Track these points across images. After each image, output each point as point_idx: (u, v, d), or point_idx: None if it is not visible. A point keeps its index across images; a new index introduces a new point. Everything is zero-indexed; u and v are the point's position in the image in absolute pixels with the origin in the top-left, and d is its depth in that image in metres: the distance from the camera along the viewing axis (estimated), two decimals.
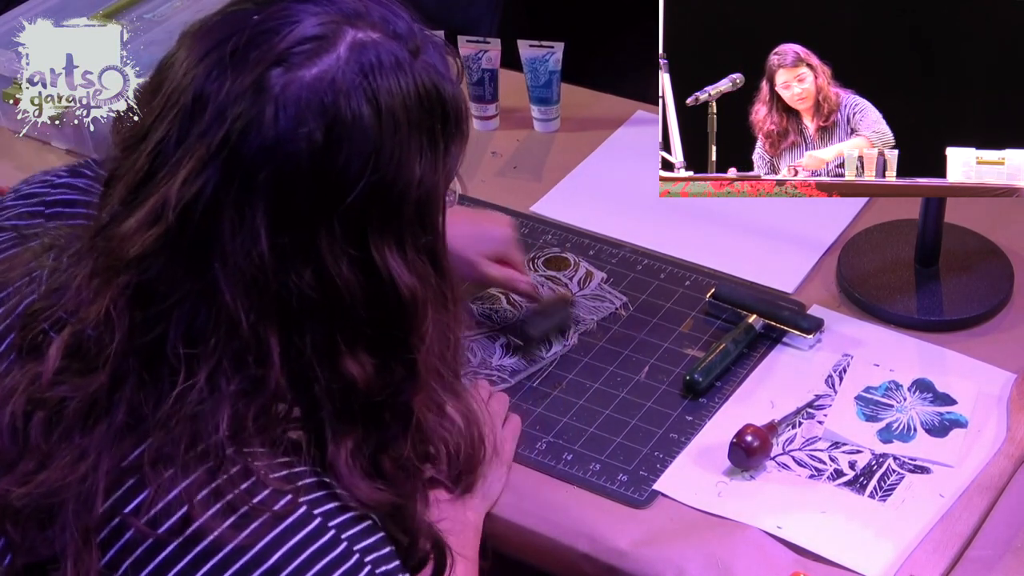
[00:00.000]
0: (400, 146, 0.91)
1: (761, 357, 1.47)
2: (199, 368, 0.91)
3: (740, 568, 1.24)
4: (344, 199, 0.90)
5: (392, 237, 0.92)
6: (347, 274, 0.91)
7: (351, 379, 0.93)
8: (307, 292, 0.90)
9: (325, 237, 0.90)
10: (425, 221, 0.95)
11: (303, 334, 0.92)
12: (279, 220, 0.89)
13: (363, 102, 0.90)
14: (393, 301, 0.93)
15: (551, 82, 1.80)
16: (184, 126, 0.89)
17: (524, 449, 1.38)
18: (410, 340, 0.95)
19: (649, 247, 1.63)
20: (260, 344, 0.91)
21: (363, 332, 0.93)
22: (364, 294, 0.92)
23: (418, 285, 0.94)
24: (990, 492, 1.29)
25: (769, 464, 1.34)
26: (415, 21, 0.96)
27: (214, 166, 0.88)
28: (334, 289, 0.91)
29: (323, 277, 0.91)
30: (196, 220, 0.89)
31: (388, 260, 0.92)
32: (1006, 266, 1.55)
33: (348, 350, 0.93)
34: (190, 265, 0.90)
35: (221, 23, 0.92)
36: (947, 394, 1.40)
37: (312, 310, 0.91)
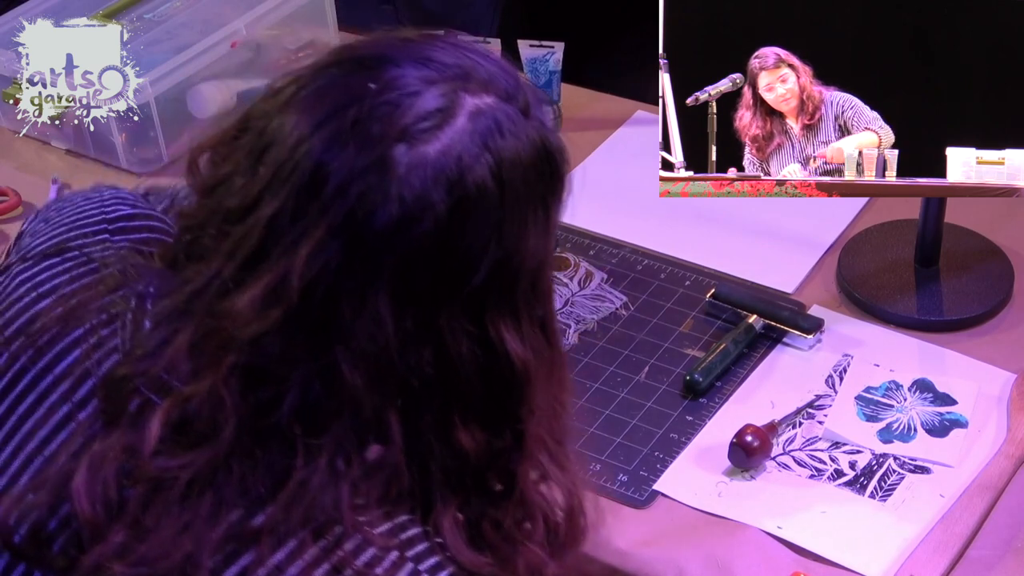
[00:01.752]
0: (520, 216, 0.89)
1: (761, 357, 1.47)
2: (319, 448, 0.88)
3: (740, 568, 1.24)
4: (469, 279, 0.88)
5: (508, 311, 0.90)
6: (465, 351, 0.89)
7: (464, 451, 0.91)
8: (426, 370, 0.88)
9: (446, 316, 0.88)
10: (538, 291, 0.93)
11: (421, 411, 0.90)
12: (402, 301, 0.87)
13: (487, 174, 0.87)
14: (507, 375, 0.91)
15: (551, 82, 1.80)
16: (302, 201, 0.85)
17: None
18: (520, 411, 0.94)
19: (649, 247, 1.63)
20: (381, 423, 0.89)
21: (476, 406, 0.91)
22: (480, 369, 0.90)
23: (532, 358, 0.92)
24: (990, 492, 1.29)
25: (769, 464, 1.34)
26: (518, 71, 0.93)
27: (336, 245, 0.85)
28: (452, 366, 0.89)
29: (442, 355, 0.89)
30: (318, 301, 0.86)
31: (504, 335, 0.90)
32: (1006, 266, 1.55)
33: (462, 424, 0.91)
34: (309, 346, 0.87)
35: (334, 89, 0.88)
36: (947, 394, 1.40)
37: (430, 387, 0.89)
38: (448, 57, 0.91)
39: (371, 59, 0.91)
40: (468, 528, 0.94)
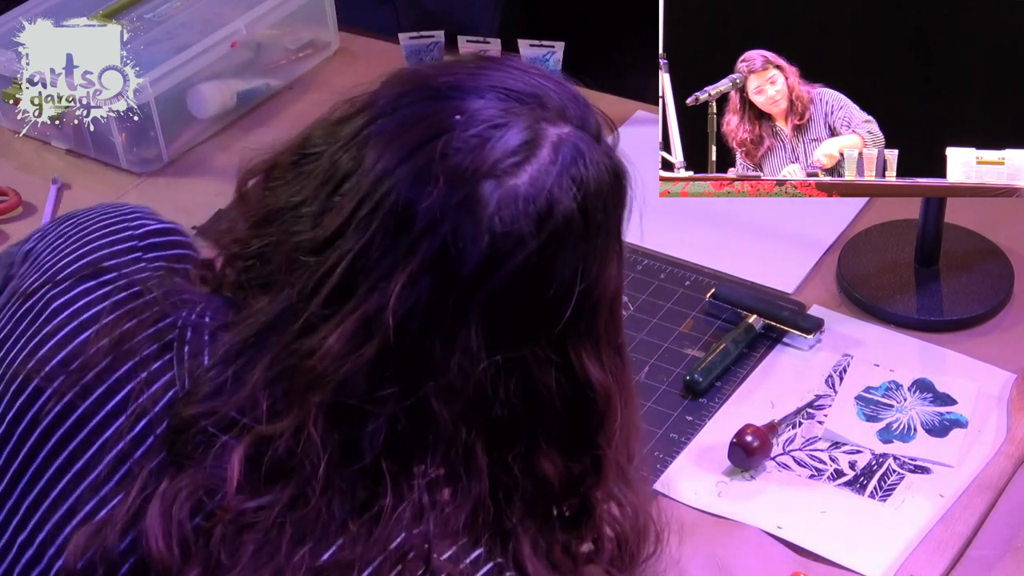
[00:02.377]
0: (602, 244, 0.89)
1: (761, 357, 1.47)
2: (406, 483, 0.87)
3: (740, 568, 1.24)
4: (559, 311, 0.87)
5: (590, 340, 0.90)
6: (552, 381, 0.89)
7: (547, 480, 0.91)
8: (514, 402, 0.88)
9: (532, 346, 0.88)
10: (615, 318, 0.93)
11: (508, 442, 0.89)
12: (494, 335, 0.86)
13: (573, 205, 0.87)
14: (591, 402, 0.91)
15: None
16: (390, 236, 0.84)
17: None
18: (600, 438, 0.93)
19: (649, 247, 1.63)
20: (468, 456, 0.88)
21: (561, 434, 0.91)
22: (565, 398, 0.90)
23: (612, 384, 0.92)
24: (990, 492, 1.29)
25: (769, 464, 1.34)
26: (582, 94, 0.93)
27: (428, 281, 0.84)
28: (539, 397, 0.89)
29: (530, 386, 0.88)
30: (410, 337, 0.84)
31: (587, 363, 0.90)
32: (1006, 266, 1.55)
33: (545, 452, 0.91)
34: (399, 383, 0.86)
35: (417, 121, 0.87)
36: (947, 394, 1.40)
37: (517, 418, 0.89)
38: (522, 84, 0.90)
39: (450, 89, 0.89)
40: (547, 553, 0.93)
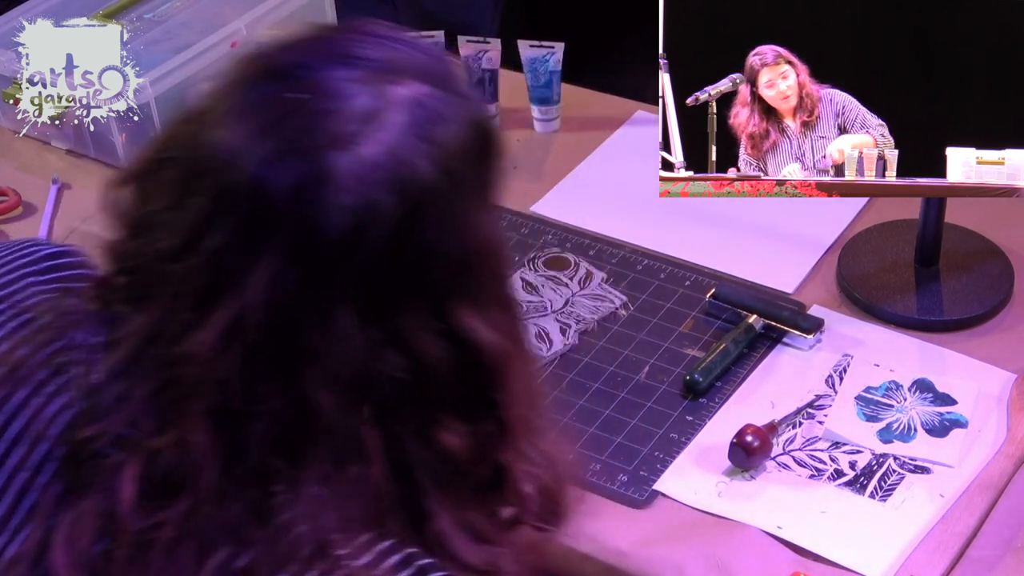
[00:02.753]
0: (467, 201, 0.87)
1: (761, 357, 1.47)
2: (300, 479, 0.85)
3: (740, 568, 1.24)
4: (430, 277, 0.86)
5: (472, 301, 0.88)
6: (436, 350, 0.86)
7: (450, 451, 0.88)
8: (398, 377, 0.85)
9: (409, 317, 0.85)
10: (496, 273, 0.91)
11: (398, 420, 0.88)
12: (366, 312, 0.84)
13: (431, 166, 0.84)
14: (483, 364, 0.89)
15: (551, 82, 1.80)
16: (245, 228, 0.82)
17: None
18: (498, 397, 0.91)
19: (649, 247, 1.63)
20: (359, 441, 0.86)
21: (456, 402, 0.89)
22: (454, 365, 0.87)
23: (502, 341, 0.89)
24: (990, 492, 1.29)
25: (769, 464, 1.34)
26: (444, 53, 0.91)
27: (290, 269, 0.82)
28: (425, 368, 0.86)
29: (413, 359, 0.86)
30: (280, 328, 0.83)
31: (472, 326, 0.87)
32: (1006, 266, 1.55)
33: (444, 424, 0.88)
34: (277, 377, 0.84)
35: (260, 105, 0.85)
36: (947, 394, 1.40)
37: (405, 394, 0.86)
38: (372, 51, 0.87)
39: (292, 66, 0.87)
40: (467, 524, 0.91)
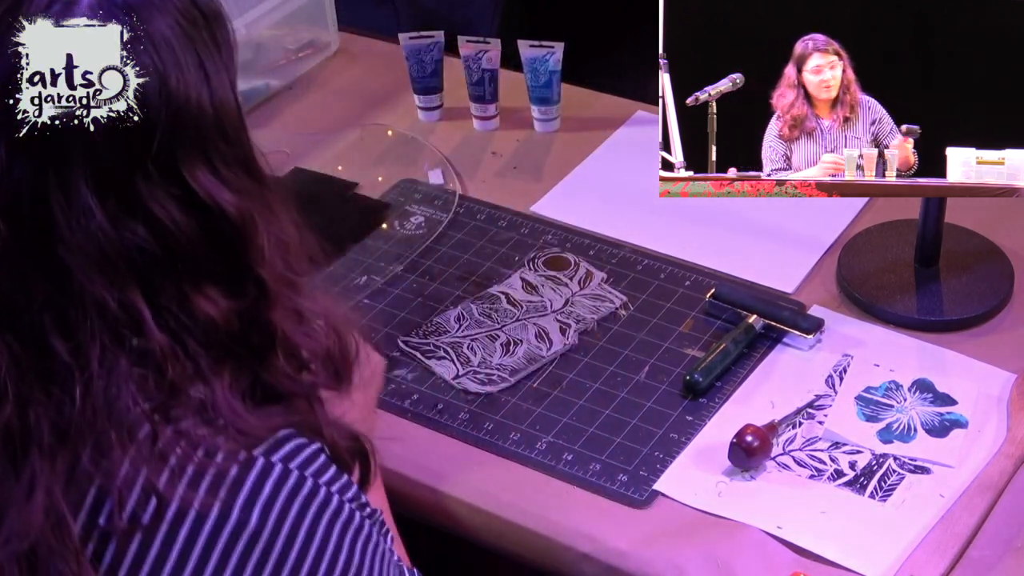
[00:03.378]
0: (182, 67, 0.90)
1: (761, 357, 1.47)
2: (88, 359, 0.89)
3: (740, 568, 1.24)
4: (150, 139, 0.89)
5: (203, 161, 0.91)
6: (176, 214, 0.90)
7: (210, 318, 0.92)
8: (146, 247, 0.89)
9: (144, 185, 0.89)
10: (228, 134, 0.93)
11: (159, 290, 0.91)
12: (101, 185, 0.88)
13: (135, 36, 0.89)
14: (224, 225, 0.92)
15: (551, 82, 1.80)
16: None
17: (524, 449, 1.38)
18: (250, 258, 0.94)
19: (649, 247, 1.63)
20: (131, 313, 0.90)
21: (206, 267, 0.92)
22: (196, 228, 0.91)
23: (242, 201, 0.92)
24: (990, 492, 1.29)
25: (769, 464, 1.34)
26: None
27: (17, 156, 0.88)
28: (169, 233, 0.90)
29: (155, 226, 0.90)
30: (27, 217, 0.88)
31: (207, 186, 0.91)
32: (1006, 266, 1.55)
33: (198, 290, 0.92)
34: (38, 264, 0.89)
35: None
36: (947, 394, 1.40)
37: (156, 262, 0.90)
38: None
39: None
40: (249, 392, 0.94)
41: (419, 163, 1.80)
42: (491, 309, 1.54)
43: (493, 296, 1.56)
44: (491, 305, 1.55)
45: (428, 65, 1.85)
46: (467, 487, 1.35)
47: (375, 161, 1.82)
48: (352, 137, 1.86)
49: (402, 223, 1.70)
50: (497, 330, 1.51)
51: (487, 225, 1.68)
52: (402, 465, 1.37)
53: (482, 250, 1.64)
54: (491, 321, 1.52)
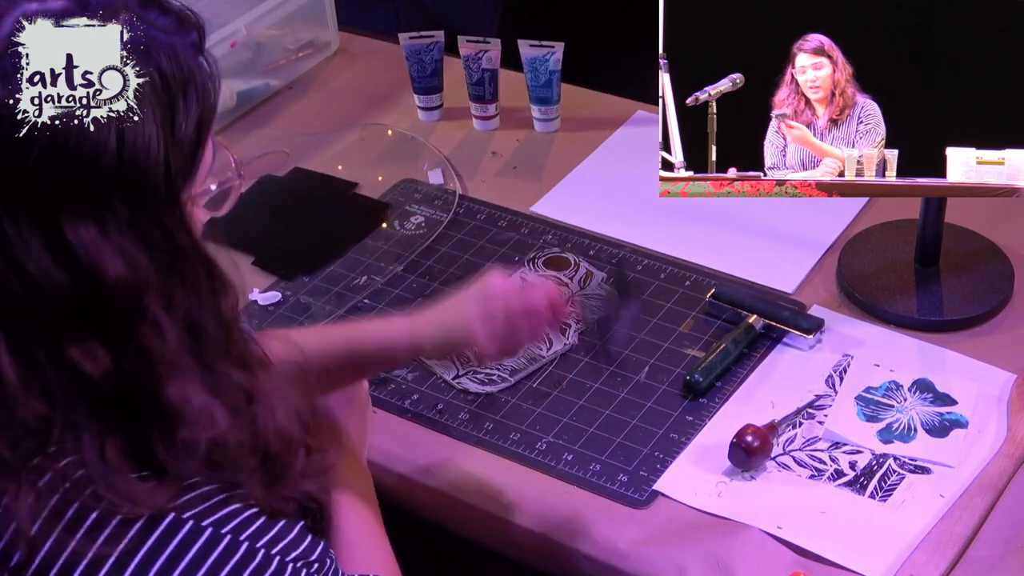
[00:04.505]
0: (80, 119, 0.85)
1: (761, 357, 1.47)
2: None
3: (740, 568, 1.24)
4: (29, 182, 0.83)
5: (91, 218, 0.84)
6: (46, 265, 0.84)
7: (84, 373, 0.86)
8: (14, 293, 0.84)
9: (13, 229, 0.83)
10: (139, 197, 0.86)
11: (27, 336, 0.86)
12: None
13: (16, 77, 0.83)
14: (100, 286, 0.85)
15: (551, 82, 1.80)
16: None
17: (524, 449, 1.38)
18: (136, 328, 0.87)
19: (649, 247, 1.63)
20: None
21: (86, 324, 0.86)
22: (71, 285, 0.85)
23: (129, 270, 0.85)
24: (990, 492, 1.29)
25: (769, 464, 1.34)
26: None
27: None
28: (36, 283, 0.84)
29: (22, 272, 0.84)
30: None
31: (87, 245, 0.84)
32: (1006, 266, 1.55)
33: (75, 342, 0.86)
34: None
35: None
36: (947, 394, 1.40)
37: (23, 309, 0.85)
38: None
39: None
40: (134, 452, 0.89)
41: (419, 163, 1.80)
42: None
43: None
44: None
45: (428, 65, 1.85)
46: (467, 487, 1.35)
47: (375, 161, 1.82)
48: (352, 137, 1.87)
49: (402, 223, 1.70)
50: None
51: (487, 225, 1.68)
52: (402, 465, 1.37)
53: (482, 250, 1.64)
54: None
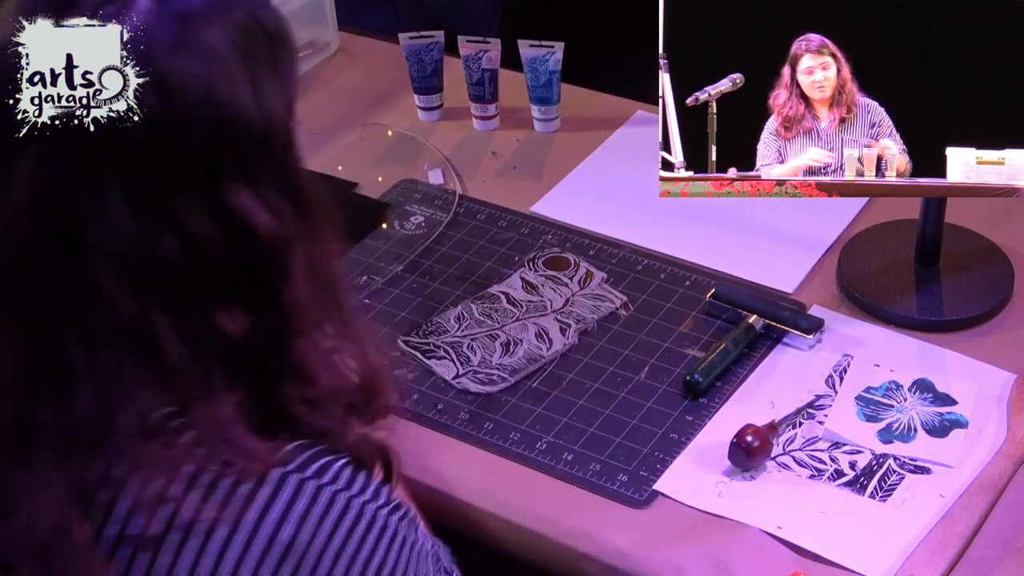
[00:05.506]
0: (231, 84, 0.88)
1: (761, 357, 1.47)
2: (101, 364, 0.88)
3: (740, 568, 1.24)
4: (189, 154, 0.87)
5: (244, 179, 0.89)
6: (208, 230, 0.88)
7: (228, 336, 0.90)
8: (174, 258, 0.88)
9: (179, 197, 0.87)
10: (275, 156, 0.91)
11: (181, 301, 0.89)
12: (135, 193, 0.86)
13: (184, 51, 0.87)
14: (254, 245, 0.90)
15: (551, 82, 1.80)
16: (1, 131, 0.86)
17: (524, 449, 1.38)
18: (277, 284, 0.92)
19: (649, 247, 1.63)
20: (149, 323, 0.88)
21: (232, 285, 0.91)
22: (227, 246, 0.89)
23: (278, 224, 0.90)
24: (990, 492, 1.29)
25: (769, 464, 1.34)
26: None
27: (53, 159, 0.86)
28: (198, 248, 0.88)
29: (186, 239, 0.88)
30: (53, 217, 0.86)
31: (244, 204, 0.89)
32: (1006, 266, 1.55)
33: (222, 306, 0.90)
34: (61, 264, 0.87)
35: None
36: (947, 394, 1.40)
37: (183, 275, 0.89)
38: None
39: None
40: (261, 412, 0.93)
41: (419, 163, 1.80)
42: (491, 309, 1.54)
43: (493, 296, 1.56)
44: (491, 305, 1.55)
45: (428, 65, 1.85)
46: (467, 487, 1.35)
47: (375, 161, 1.82)
48: (352, 137, 1.86)
49: (402, 223, 1.70)
50: (497, 330, 1.51)
51: (487, 225, 1.68)
52: (402, 465, 1.37)
53: (482, 250, 1.64)
54: (491, 321, 1.52)
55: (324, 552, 0.92)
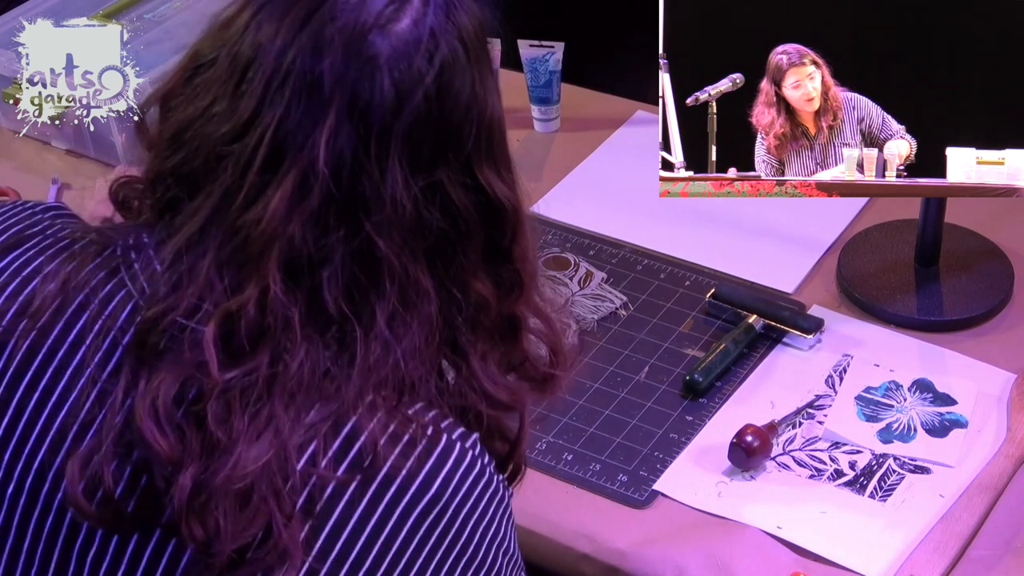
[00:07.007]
0: (483, 74, 0.99)
1: (761, 357, 1.47)
2: (373, 321, 0.95)
3: (740, 568, 1.24)
4: (462, 135, 0.97)
5: (490, 159, 1.00)
6: (465, 202, 0.98)
7: (482, 298, 1.00)
8: (439, 226, 0.97)
9: (446, 172, 0.96)
10: (504, 140, 1.02)
11: (443, 266, 0.98)
12: (413, 167, 0.95)
13: (455, 39, 0.97)
14: (501, 217, 1.00)
15: (551, 82, 1.80)
16: (302, 100, 0.93)
17: None
18: (514, 251, 1.02)
19: (649, 247, 1.63)
20: (417, 283, 0.96)
21: (481, 253, 1.00)
22: (479, 217, 0.99)
23: (516, 197, 1.01)
24: (990, 492, 1.29)
25: (769, 464, 1.34)
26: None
27: (348, 129, 0.93)
28: (458, 218, 0.98)
29: (450, 210, 0.97)
30: (344, 182, 0.93)
31: (492, 180, 0.99)
32: (1006, 266, 1.55)
33: (474, 272, 1.00)
34: (342, 228, 0.94)
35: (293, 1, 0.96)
36: (947, 394, 1.40)
37: (445, 242, 0.98)
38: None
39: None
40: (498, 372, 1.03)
41: None
42: None
43: None
44: None
45: None
46: None
47: None
48: None
49: None
50: None
51: None
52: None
53: None
54: None
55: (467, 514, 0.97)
